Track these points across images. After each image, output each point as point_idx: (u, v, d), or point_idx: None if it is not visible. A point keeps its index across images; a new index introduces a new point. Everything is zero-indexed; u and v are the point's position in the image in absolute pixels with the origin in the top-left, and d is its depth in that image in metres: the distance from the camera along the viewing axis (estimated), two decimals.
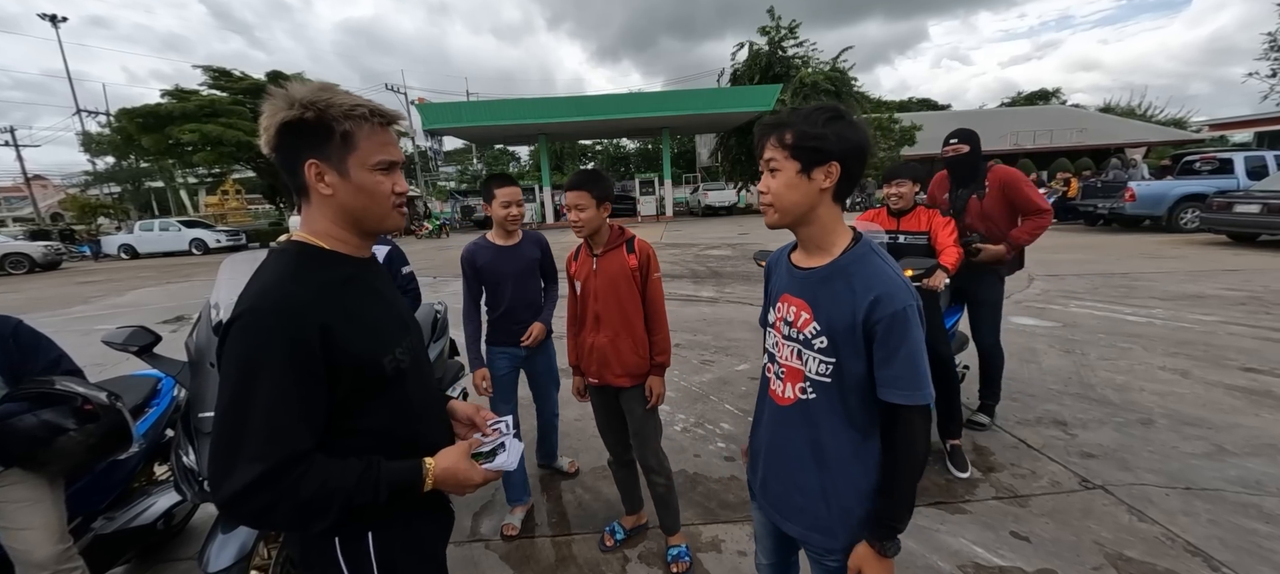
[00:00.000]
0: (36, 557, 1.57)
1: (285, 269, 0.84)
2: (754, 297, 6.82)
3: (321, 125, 0.83)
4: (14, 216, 32.35)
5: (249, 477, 0.73)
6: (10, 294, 11.27)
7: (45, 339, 1.76)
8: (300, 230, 0.90)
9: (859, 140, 0.99)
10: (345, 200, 0.87)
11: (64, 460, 1.67)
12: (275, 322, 0.78)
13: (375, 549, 0.92)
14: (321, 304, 0.82)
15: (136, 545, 2.14)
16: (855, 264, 1.01)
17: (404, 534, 0.96)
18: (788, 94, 22.18)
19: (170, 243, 19.14)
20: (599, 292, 1.97)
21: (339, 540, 0.90)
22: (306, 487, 0.77)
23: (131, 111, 19.41)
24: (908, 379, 0.95)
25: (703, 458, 2.88)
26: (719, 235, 14.96)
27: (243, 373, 0.76)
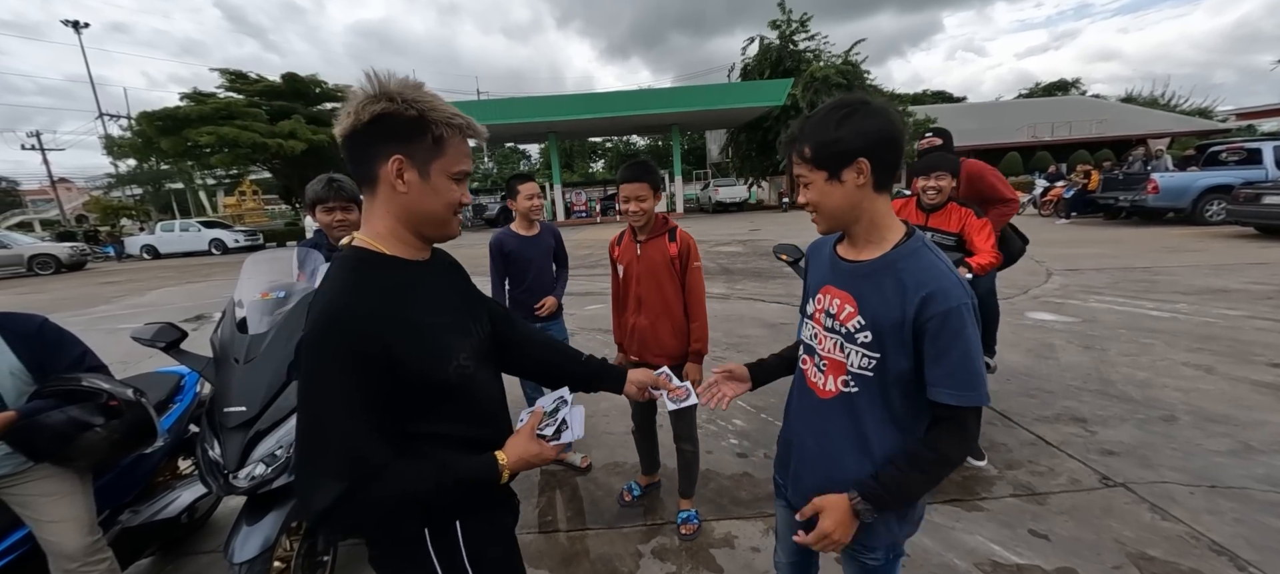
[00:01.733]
0: (68, 548, 1.61)
1: (346, 281, 0.83)
2: (765, 293, 6.79)
3: (418, 124, 0.83)
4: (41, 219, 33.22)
5: (331, 496, 0.75)
6: (38, 294, 11.59)
7: (69, 336, 1.80)
8: (360, 233, 0.90)
9: (880, 129, 0.95)
10: (415, 201, 0.87)
11: (91, 455, 1.71)
12: (339, 338, 0.78)
13: (464, 539, 0.93)
14: (383, 316, 0.82)
15: (161, 538, 2.19)
16: (906, 259, 0.98)
17: (489, 521, 0.99)
18: (799, 88, 21.99)
19: (190, 243, 19.55)
20: (641, 276, 2.11)
21: (429, 532, 0.92)
22: (388, 498, 0.79)
23: (151, 115, 19.82)
24: (961, 379, 0.92)
25: (715, 454, 2.88)
26: (729, 232, 14.90)
27: (314, 392, 0.78)
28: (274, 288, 1.98)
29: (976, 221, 2.59)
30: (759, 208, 25.21)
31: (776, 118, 22.62)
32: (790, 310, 5.83)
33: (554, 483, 2.71)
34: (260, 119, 20.61)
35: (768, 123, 23.17)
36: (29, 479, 1.64)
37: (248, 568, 1.60)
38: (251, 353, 1.81)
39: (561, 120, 20.90)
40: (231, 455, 1.69)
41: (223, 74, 22.38)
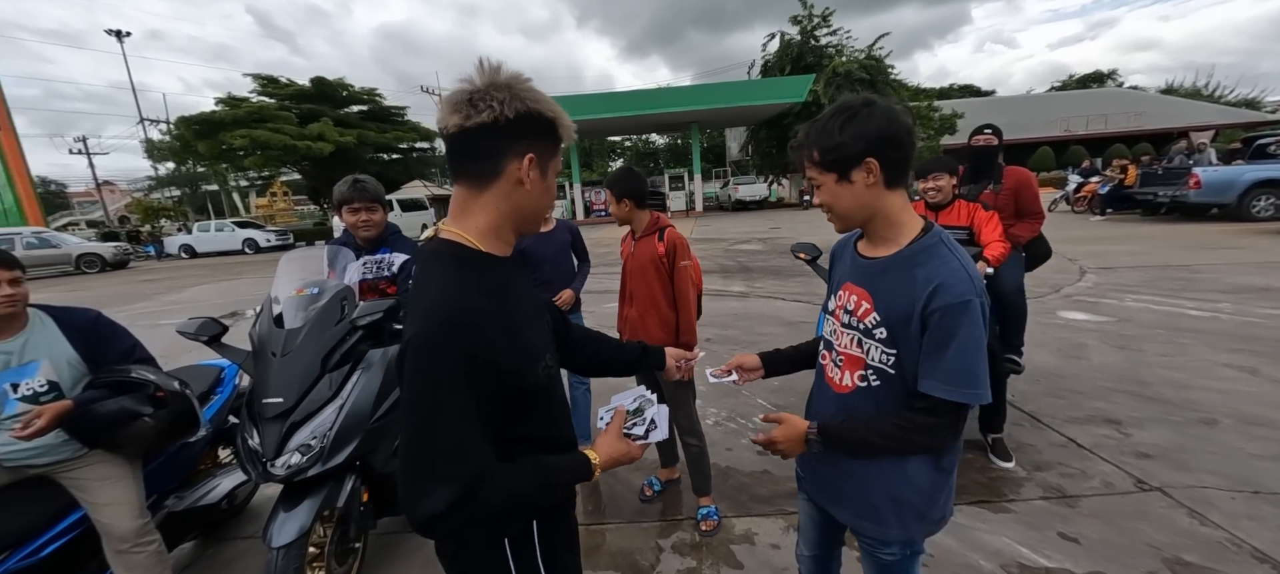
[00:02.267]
0: (120, 530, 1.71)
1: (453, 279, 0.81)
2: (784, 291, 6.74)
3: (551, 125, 0.85)
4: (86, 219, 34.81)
5: (444, 501, 0.72)
6: (84, 291, 12.17)
7: (121, 329, 1.91)
8: (452, 225, 0.87)
9: (884, 129, 0.95)
10: (532, 197, 0.87)
11: (141, 443, 1.82)
12: (454, 337, 0.75)
13: (539, 539, 0.93)
14: (489, 315, 0.80)
15: (203, 523, 2.31)
16: (922, 254, 0.98)
17: (562, 520, 1.01)
18: (820, 84, 21.68)
19: (225, 242, 20.25)
20: (633, 272, 2.29)
21: (509, 543, 0.90)
22: (495, 500, 0.77)
23: (189, 119, 20.62)
24: (953, 374, 0.92)
25: (735, 452, 2.88)
26: (749, 230, 14.80)
27: (425, 394, 0.75)
28: (308, 285, 2.06)
29: (984, 215, 2.65)
30: (779, 206, 24.98)
31: (797, 115, 22.34)
32: (809, 309, 5.78)
33: None
34: (290, 122, 21.26)
35: (788, 120, 22.90)
36: (85, 464, 1.75)
37: (284, 552, 1.68)
38: (287, 347, 1.88)
39: (580, 119, 20.76)
40: (269, 444, 1.77)
41: (255, 79, 23.15)
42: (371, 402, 1.93)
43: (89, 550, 1.77)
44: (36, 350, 1.68)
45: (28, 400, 1.65)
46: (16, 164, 20.61)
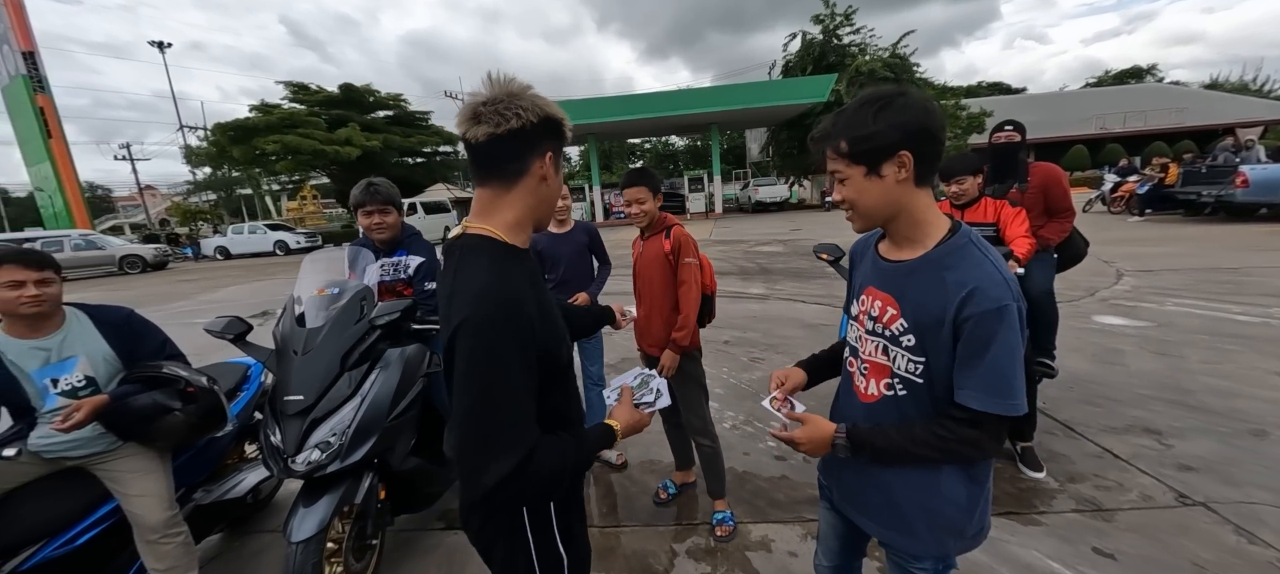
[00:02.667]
0: (149, 520, 1.77)
1: (497, 268, 0.88)
2: (805, 293, 6.63)
3: (562, 127, 0.95)
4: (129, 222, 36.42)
5: (507, 468, 0.80)
6: (126, 291, 12.72)
7: (153, 326, 1.98)
8: (480, 223, 0.94)
9: (918, 120, 0.90)
10: (551, 192, 0.98)
11: (171, 436, 1.88)
12: (506, 319, 0.83)
13: (557, 515, 1.01)
14: (530, 301, 0.89)
15: (230, 516, 2.37)
16: (951, 256, 0.93)
17: (575, 497, 1.09)
18: (843, 84, 21.36)
19: (257, 244, 20.94)
20: (641, 271, 2.30)
21: (527, 513, 0.97)
22: (547, 466, 0.85)
23: (224, 126, 21.43)
24: (992, 384, 0.86)
25: (752, 456, 2.84)
26: (769, 231, 14.65)
27: (485, 371, 0.81)
28: (329, 285, 2.10)
29: (1011, 211, 2.57)
30: (800, 207, 24.66)
31: (819, 115, 22.05)
32: (830, 312, 5.68)
33: (589, 478, 2.74)
34: (319, 127, 21.90)
35: (810, 120, 22.61)
36: (118, 456, 1.81)
37: (303, 547, 1.71)
38: (308, 345, 1.92)
39: (600, 122, 21.10)
40: (290, 441, 1.80)
41: (286, 86, 23.93)
42: (389, 400, 1.96)
43: (121, 540, 1.83)
44: (74, 347, 1.75)
45: (67, 395, 1.72)
46: (67, 171, 21.70)
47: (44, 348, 1.71)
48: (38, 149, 21.28)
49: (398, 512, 2.19)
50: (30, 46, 20.47)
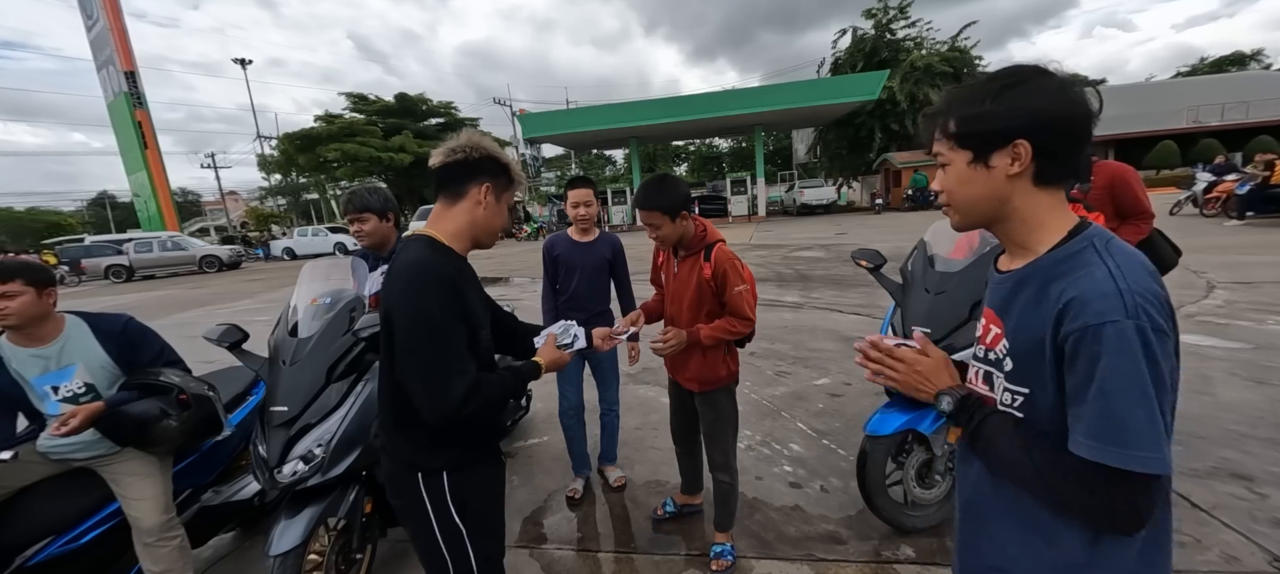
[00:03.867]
0: (145, 524, 1.81)
1: (423, 252, 1.15)
2: (843, 303, 6.27)
3: (503, 167, 1.25)
4: (214, 225, 39.79)
5: (461, 390, 1.08)
6: (203, 288, 13.82)
7: (151, 332, 2.02)
8: (428, 228, 1.21)
9: (1051, 106, 0.74)
10: (484, 216, 1.23)
11: (167, 442, 1.91)
12: (434, 282, 1.10)
13: (449, 486, 1.21)
14: (454, 274, 1.15)
15: (238, 518, 2.41)
16: (1065, 262, 0.75)
17: (473, 475, 1.26)
18: (896, 80, 20.39)
19: (319, 246, 22.28)
20: (675, 296, 1.99)
21: (421, 477, 1.20)
22: (493, 387, 1.17)
23: (292, 135, 22.99)
24: (1101, 427, 0.67)
25: (765, 481, 2.64)
26: (813, 235, 14.10)
27: (423, 319, 1.08)
28: (322, 294, 2.10)
29: (1079, 213, 2.20)
30: (849, 210, 23.65)
31: (870, 113, 21.14)
32: (870, 323, 5.32)
33: (591, 498, 2.63)
34: (376, 135, 23.10)
35: (860, 119, 21.72)
36: (118, 460, 1.86)
37: (280, 561, 1.69)
38: (296, 356, 1.92)
39: (643, 125, 21.10)
40: (274, 452, 1.80)
41: (348, 97, 25.41)
42: (374, 413, 1.92)
43: (123, 541, 1.88)
44: (72, 355, 1.80)
45: (68, 401, 1.78)
46: (160, 178, 23.94)
47: (43, 356, 1.76)
48: (136, 159, 23.59)
49: (389, 524, 2.17)
50: (131, 66, 22.72)
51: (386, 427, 1.27)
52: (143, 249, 18.69)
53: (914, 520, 2.14)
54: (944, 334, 1.98)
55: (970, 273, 2.07)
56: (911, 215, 17.75)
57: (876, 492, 2.08)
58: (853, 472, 2.61)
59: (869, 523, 2.24)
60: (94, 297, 14.00)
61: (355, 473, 1.90)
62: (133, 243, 19.03)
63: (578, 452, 2.66)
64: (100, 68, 23.92)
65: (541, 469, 2.91)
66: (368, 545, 2.07)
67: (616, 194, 23.68)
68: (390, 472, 1.26)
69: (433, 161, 1.20)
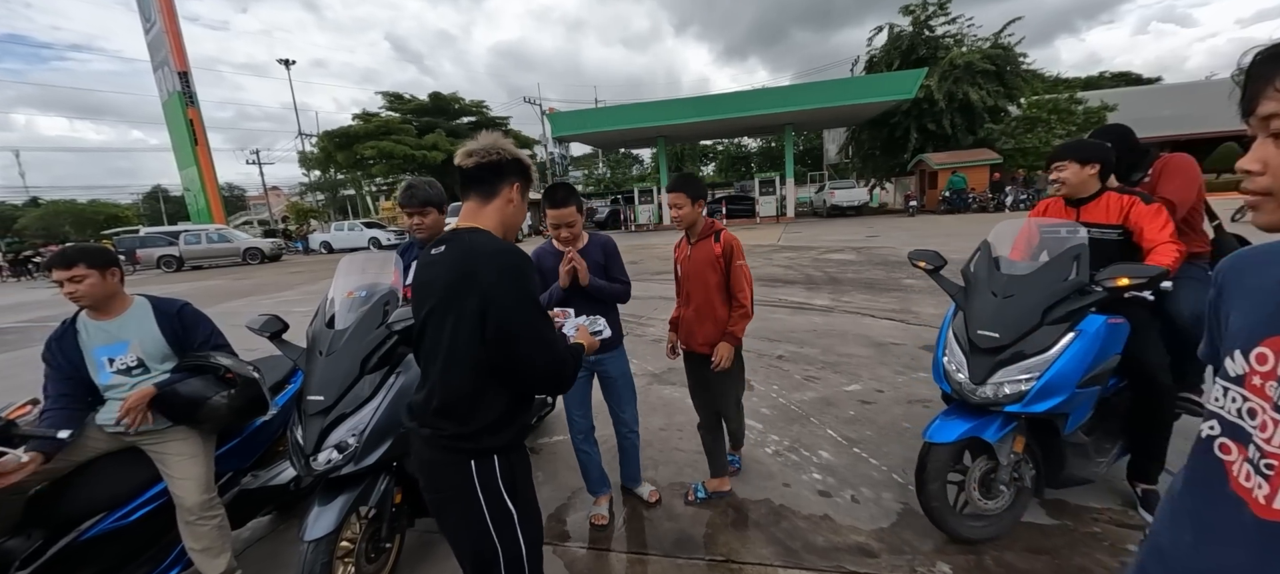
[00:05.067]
0: (188, 502, 1.89)
1: (496, 240, 1.25)
2: (875, 307, 6.09)
3: (527, 169, 1.35)
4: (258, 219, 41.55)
5: (568, 358, 1.31)
6: (247, 280, 14.44)
7: (204, 317, 2.13)
8: (472, 222, 1.28)
9: None
10: (515, 213, 1.34)
11: (215, 420, 2.01)
12: (523, 262, 1.21)
13: (500, 469, 1.25)
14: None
15: (276, 501, 2.50)
16: None
17: (518, 458, 1.32)
18: (934, 78, 19.77)
19: (354, 240, 23.02)
20: (690, 274, 2.38)
21: (474, 462, 1.23)
22: (570, 366, 1.32)
23: (330, 133, 23.78)
24: None
25: (793, 488, 2.58)
26: (843, 237, 13.78)
27: (531, 301, 1.21)
28: (358, 288, 2.15)
29: (1146, 208, 2.03)
30: (881, 212, 23.05)
31: (906, 113, 20.55)
32: (903, 329, 5.16)
33: (619, 502, 2.61)
34: (410, 134, 23.72)
35: (895, 118, 21.14)
36: (167, 439, 1.95)
37: (314, 546, 1.73)
38: (332, 347, 1.97)
39: (671, 124, 21.04)
40: (309, 440, 1.84)
41: (384, 96, 26.17)
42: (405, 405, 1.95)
43: (169, 520, 1.96)
44: (128, 331, 1.95)
45: (120, 373, 1.92)
46: (209, 174, 25.14)
47: (106, 329, 1.93)
48: (187, 155, 24.83)
49: (418, 514, 2.20)
50: (184, 67, 23.92)
51: (437, 414, 1.23)
52: (192, 241, 19.66)
53: (975, 531, 2.06)
54: (1013, 339, 1.91)
55: (1042, 276, 2.00)
56: (947, 219, 17.17)
57: (935, 499, 2.00)
58: (885, 482, 2.54)
59: (901, 536, 2.16)
60: (147, 285, 14.79)
61: (386, 463, 1.94)
62: (183, 235, 20.04)
63: (595, 475, 2.46)
64: (156, 68, 25.27)
65: (566, 466, 2.91)
66: (396, 535, 2.11)
67: (644, 193, 23.68)
68: (430, 461, 1.28)
69: (463, 162, 1.27)
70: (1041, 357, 1.87)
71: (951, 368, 2.06)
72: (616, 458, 2.59)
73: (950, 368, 2.06)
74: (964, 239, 11.20)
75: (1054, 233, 2.14)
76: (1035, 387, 1.85)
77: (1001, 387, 1.90)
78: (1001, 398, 1.90)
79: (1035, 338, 1.89)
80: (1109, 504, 2.27)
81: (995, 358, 1.93)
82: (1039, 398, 1.86)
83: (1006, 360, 1.91)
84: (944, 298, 6.05)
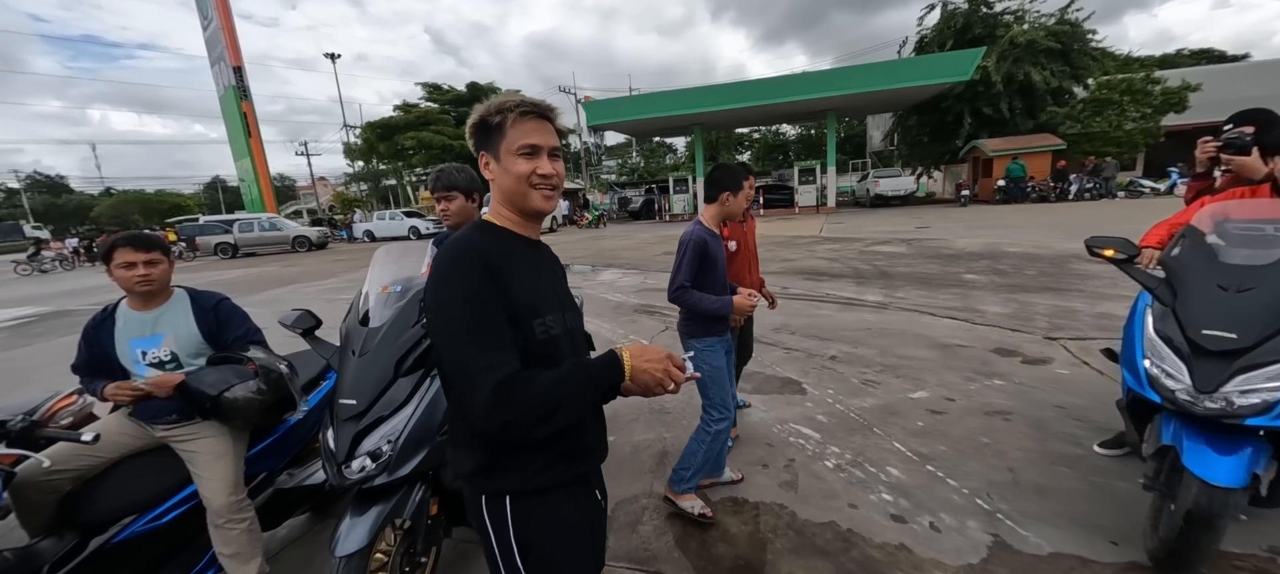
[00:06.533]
0: (216, 504, 1.80)
1: (465, 233, 1.02)
2: (933, 304, 5.65)
3: (483, 125, 1.02)
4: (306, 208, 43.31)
5: (489, 385, 0.87)
6: (295, 266, 14.96)
7: (240, 312, 2.05)
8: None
9: None
10: (500, 182, 1.03)
11: (244, 415, 1.91)
12: (452, 267, 0.94)
13: (513, 516, 1.01)
14: (492, 250, 0.97)
15: (311, 500, 2.41)
16: None
17: (543, 508, 1.03)
18: (991, 59, 18.54)
19: (395, 229, 23.61)
20: (747, 248, 2.83)
21: (484, 500, 1.02)
22: (534, 393, 0.89)
23: (372, 124, 24.41)
24: None
25: (861, 510, 2.31)
26: (889, 229, 13.10)
27: (443, 308, 0.93)
28: (392, 282, 2.00)
29: None
30: (929, 202, 21.91)
31: (958, 96, 19.35)
32: (967, 329, 4.74)
33: (659, 513, 2.41)
34: (448, 124, 24.05)
35: (946, 102, 19.94)
36: (198, 436, 1.87)
37: (345, 562, 1.60)
38: (366, 346, 1.83)
39: (706, 112, 20.51)
40: (342, 447, 1.71)
41: (423, 87, 26.62)
42: (441, 412, 1.80)
43: (201, 523, 1.88)
44: (164, 324, 1.89)
45: (154, 366, 1.86)
46: (262, 165, 26.26)
47: (145, 320, 1.88)
48: (241, 147, 25.99)
49: (455, 523, 2.06)
50: (238, 62, 24.97)
51: (449, 436, 1.13)
52: (245, 229, 20.57)
53: None
54: (1255, 341, 1.62)
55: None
56: (1002, 209, 16.12)
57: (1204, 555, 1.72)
58: (968, 507, 2.25)
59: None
60: (205, 271, 15.55)
61: (422, 472, 1.79)
62: (237, 223, 21.00)
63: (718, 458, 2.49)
64: (213, 64, 26.48)
65: (607, 473, 2.70)
66: (432, 547, 1.97)
67: (678, 183, 23.31)
68: (460, 484, 1.13)
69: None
70: None
71: (1159, 374, 1.77)
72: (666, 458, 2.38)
73: (1157, 373, 1.77)
74: (1026, 231, 10.42)
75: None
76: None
77: (1245, 396, 1.60)
78: (1239, 409, 1.59)
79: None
80: (1252, 549, 1.91)
81: (1231, 362, 1.63)
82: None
83: (1247, 365, 1.61)
84: (1011, 297, 5.63)
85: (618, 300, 7.11)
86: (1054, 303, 5.29)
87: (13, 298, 12.49)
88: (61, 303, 10.61)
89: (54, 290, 13.27)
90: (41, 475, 1.66)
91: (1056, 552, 1.97)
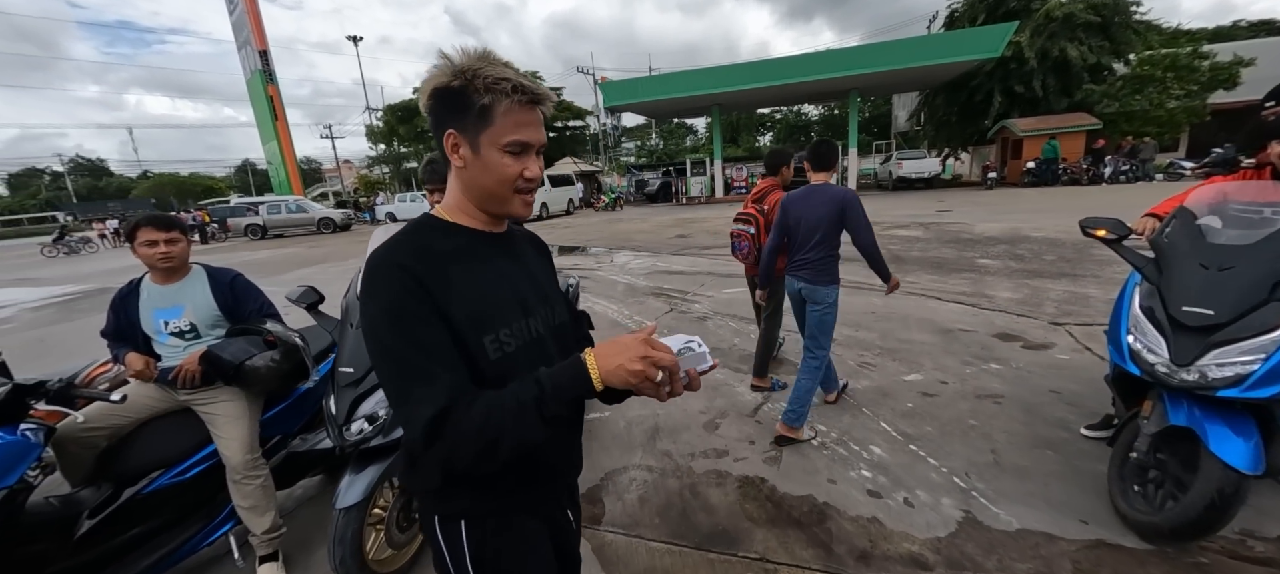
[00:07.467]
0: (233, 461, 1.98)
1: (397, 237, 0.85)
2: (942, 289, 5.60)
3: (465, 95, 0.80)
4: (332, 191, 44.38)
5: (426, 414, 0.74)
6: (320, 248, 15.45)
7: (254, 288, 2.21)
8: None
9: None
10: (476, 178, 0.85)
11: (261, 383, 2.08)
12: (372, 279, 0.80)
13: (468, 541, 0.90)
14: (420, 262, 0.80)
15: (323, 463, 2.60)
16: None
17: (503, 530, 0.92)
18: (1025, 34, 17.79)
19: (414, 211, 23.95)
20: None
21: (438, 520, 0.91)
22: (476, 422, 0.74)
23: (392, 107, 24.74)
24: None
25: (839, 485, 2.39)
26: (909, 212, 12.84)
27: (368, 324, 0.80)
28: None
29: None
30: (954, 184, 21.29)
31: (989, 73, 18.65)
32: (972, 313, 4.70)
33: (652, 483, 2.53)
34: None
35: (976, 81, 19.24)
36: (218, 399, 2.04)
37: (344, 514, 1.77)
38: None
39: (726, 92, 20.20)
40: (341, 411, 1.86)
41: None
42: None
43: (222, 478, 2.07)
44: (183, 297, 2.06)
45: (175, 335, 2.04)
46: (288, 148, 26.95)
47: (167, 293, 2.05)
48: (268, 130, 26.69)
49: None
50: (264, 46, 25.51)
51: (402, 449, 1.03)
52: (273, 211, 21.25)
53: None
54: (1233, 316, 1.70)
55: (1269, 246, 1.77)
56: (1031, 192, 15.59)
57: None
58: (944, 485, 2.31)
59: (961, 548, 1.94)
60: (237, 252, 16.18)
61: None
62: (265, 205, 21.68)
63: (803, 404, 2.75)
64: (240, 48, 27.11)
65: (600, 446, 2.85)
66: None
67: (696, 165, 23.12)
68: (419, 501, 0.98)
69: None
70: (1270, 336, 1.63)
71: (1141, 348, 1.86)
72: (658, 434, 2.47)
73: (1139, 348, 1.87)
74: (1052, 215, 10.11)
75: None
76: (1260, 369, 1.62)
77: (1219, 369, 1.68)
78: (1213, 382, 1.67)
79: (1261, 315, 1.66)
80: (1223, 530, 1.93)
81: (1207, 337, 1.71)
82: (1265, 382, 1.62)
83: (1223, 340, 1.68)
84: (1025, 282, 5.53)
85: (629, 282, 7.20)
86: (1068, 289, 5.19)
87: (60, 275, 13.26)
88: (104, 281, 11.22)
89: (97, 269, 14.02)
90: (79, 431, 1.85)
91: (1024, 529, 2.02)
